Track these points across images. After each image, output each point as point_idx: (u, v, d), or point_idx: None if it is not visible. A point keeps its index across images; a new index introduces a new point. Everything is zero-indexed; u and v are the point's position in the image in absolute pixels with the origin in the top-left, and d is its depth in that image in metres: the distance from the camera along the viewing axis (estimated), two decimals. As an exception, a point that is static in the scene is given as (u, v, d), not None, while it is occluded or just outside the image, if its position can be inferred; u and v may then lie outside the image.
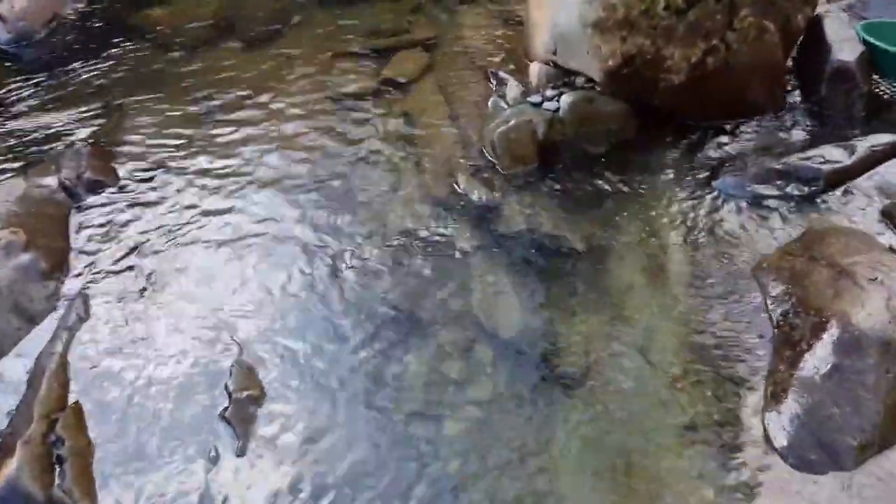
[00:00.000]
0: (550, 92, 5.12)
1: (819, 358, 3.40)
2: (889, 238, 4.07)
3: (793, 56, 5.36)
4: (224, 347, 3.92)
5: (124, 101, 5.89)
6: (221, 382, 3.74)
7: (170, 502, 3.29)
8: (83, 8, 7.31)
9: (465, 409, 3.57)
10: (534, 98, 5.12)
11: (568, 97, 5.01)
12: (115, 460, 3.46)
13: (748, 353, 3.68)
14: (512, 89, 5.37)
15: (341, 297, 4.16)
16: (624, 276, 4.19)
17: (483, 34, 6.42)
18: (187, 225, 4.68)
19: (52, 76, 6.29)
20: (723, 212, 4.46)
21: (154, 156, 5.29)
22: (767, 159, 4.65)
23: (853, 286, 3.58)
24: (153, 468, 3.41)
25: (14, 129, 5.67)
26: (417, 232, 4.53)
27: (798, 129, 4.98)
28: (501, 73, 5.68)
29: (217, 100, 5.85)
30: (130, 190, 4.99)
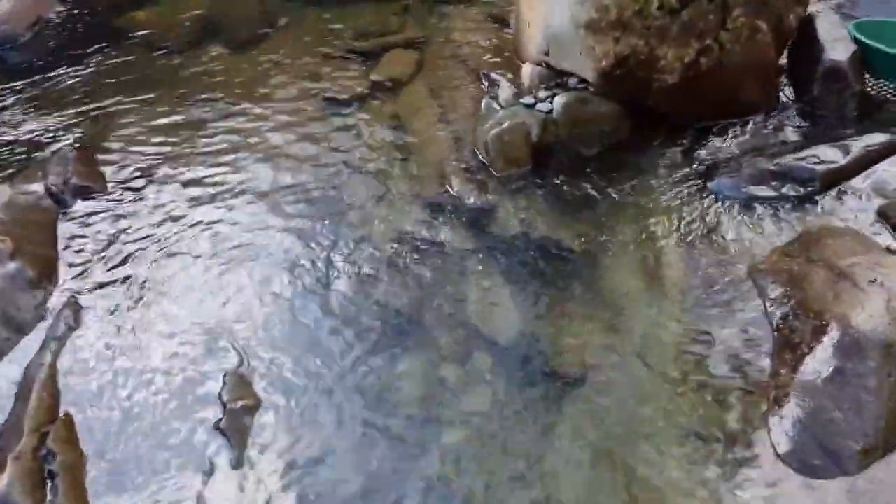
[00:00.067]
0: (543, 93, 5.08)
1: (820, 361, 3.38)
2: (886, 238, 4.07)
3: (785, 56, 5.34)
4: (217, 356, 3.86)
5: (110, 104, 5.81)
6: (215, 392, 3.68)
7: (165, 517, 3.24)
8: (67, 10, 7.21)
9: (464, 418, 3.53)
10: (526, 99, 5.08)
11: (561, 98, 4.97)
12: (107, 474, 3.39)
13: (748, 356, 3.65)
14: (504, 91, 5.32)
15: (335, 304, 4.10)
16: (620, 279, 4.16)
17: (473, 35, 6.38)
18: (177, 231, 4.61)
19: (37, 80, 6.20)
20: (718, 213, 4.44)
21: (141, 160, 5.21)
22: (762, 160, 4.63)
23: (853, 288, 3.57)
24: (147, 482, 3.35)
25: (-2, 135, 5.59)
26: (411, 237, 4.48)
27: (791, 130, 4.96)
28: (493, 75, 5.64)
29: (204, 102, 5.78)
30: (118, 195, 4.91)
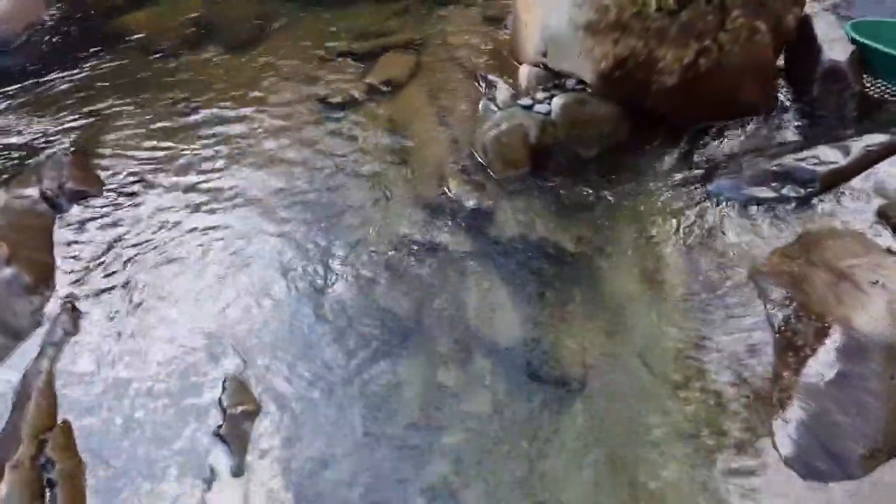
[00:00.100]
0: (541, 95, 5.06)
1: (823, 364, 3.37)
2: (886, 239, 4.05)
3: (783, 56, 5.34)
4: (217, 361, 3.83)
5: (105, 107, 5.79)
6: (215, 397, 3.66)
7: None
8: (62, 13, 7.18)
9: (464, 421, 3.51)
10: (524, 101, 5.05)
11: (559, 100, 4.94)
12: (107, 482, 3.36)
13: (749, 359, 3.64)
14: (502, 92, 5.30)
15: (334, 308, 4.08)
16: (620, 281, 4.14)
17: (470, 36, 6.37)
18: (174, 235, 4.57)
19: (31, 84, 6.18)
20: (718, 214, 4.42)
21: (137, 163, 5.18)
22: (762, 161, 4.62)
23: (854, 290, 3.56)
24: (147, 489, 3.32)
25: (-8, 139, 5.55)
26: (409, 240, 4.46)
27: (791, 130, 4.96)
28: (490, 76, 5.62)
29: (200, 105, 5.75)
30: (114, 199, 4.88)
